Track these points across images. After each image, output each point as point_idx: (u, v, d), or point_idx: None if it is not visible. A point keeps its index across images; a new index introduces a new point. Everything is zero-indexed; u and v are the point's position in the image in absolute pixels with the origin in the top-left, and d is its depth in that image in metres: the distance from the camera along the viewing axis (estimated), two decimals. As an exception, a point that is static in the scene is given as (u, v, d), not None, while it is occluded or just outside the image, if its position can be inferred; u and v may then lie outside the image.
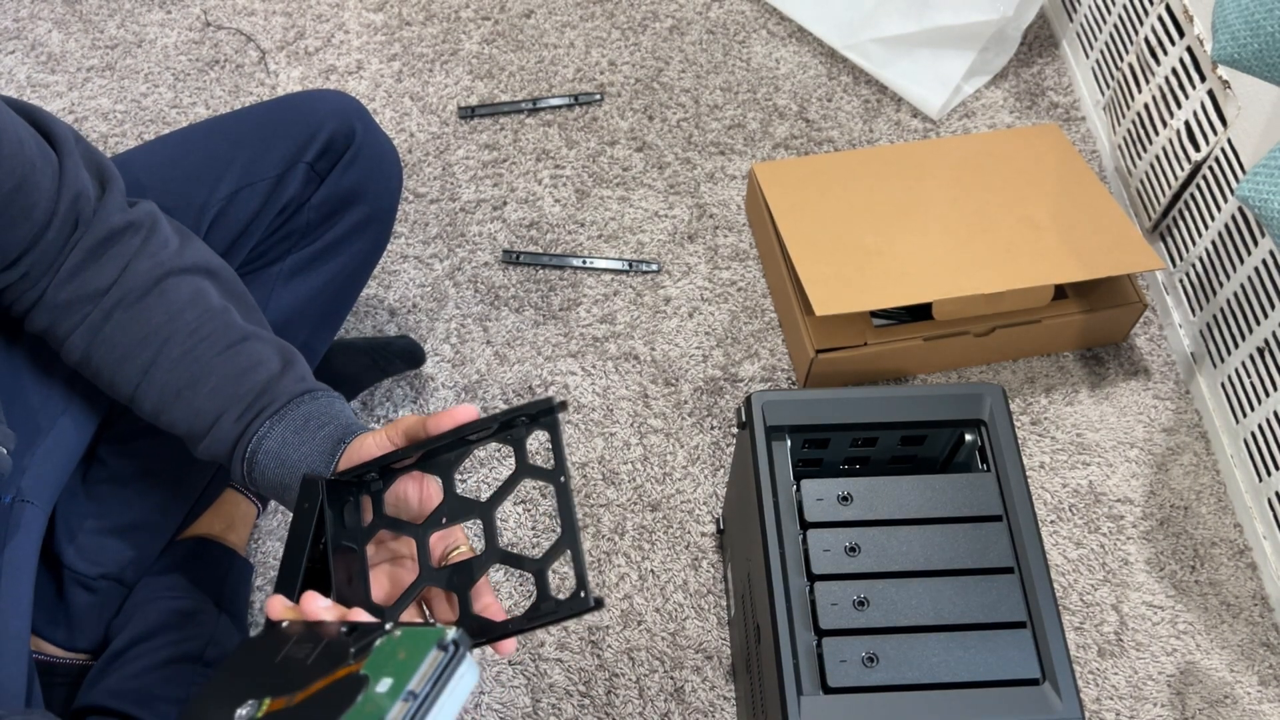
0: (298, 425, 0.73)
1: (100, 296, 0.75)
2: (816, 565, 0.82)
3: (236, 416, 0.73)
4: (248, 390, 0.74)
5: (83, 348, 0.76)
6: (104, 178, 0.77)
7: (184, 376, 0.75)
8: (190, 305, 0.76)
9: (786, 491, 0.86)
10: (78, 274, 0.75)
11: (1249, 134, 1.11)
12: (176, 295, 0.76)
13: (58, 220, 0.73)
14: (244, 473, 0.74)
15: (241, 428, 0.73)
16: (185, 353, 0.75)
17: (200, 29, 1.52)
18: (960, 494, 0.86)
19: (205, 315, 0.76)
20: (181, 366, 0.75)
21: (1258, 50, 0.80)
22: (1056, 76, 1.49)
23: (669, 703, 1.03)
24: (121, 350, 0.75)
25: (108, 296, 0.75)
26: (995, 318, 1.18)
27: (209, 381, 0.74)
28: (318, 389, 0.76)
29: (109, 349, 0.76)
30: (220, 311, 0.77)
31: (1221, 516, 1.14)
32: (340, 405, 0.75)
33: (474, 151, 1.40)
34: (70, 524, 0.93)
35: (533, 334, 1.25)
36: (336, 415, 0.74)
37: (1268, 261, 1.08)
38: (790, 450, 0.89)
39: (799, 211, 1.21)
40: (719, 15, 1.54)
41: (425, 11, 1.54)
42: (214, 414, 0.74)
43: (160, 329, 0.75)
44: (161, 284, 0.76)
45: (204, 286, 0.78)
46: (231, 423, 0.74)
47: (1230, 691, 1.04)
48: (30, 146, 0.71)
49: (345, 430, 0.72)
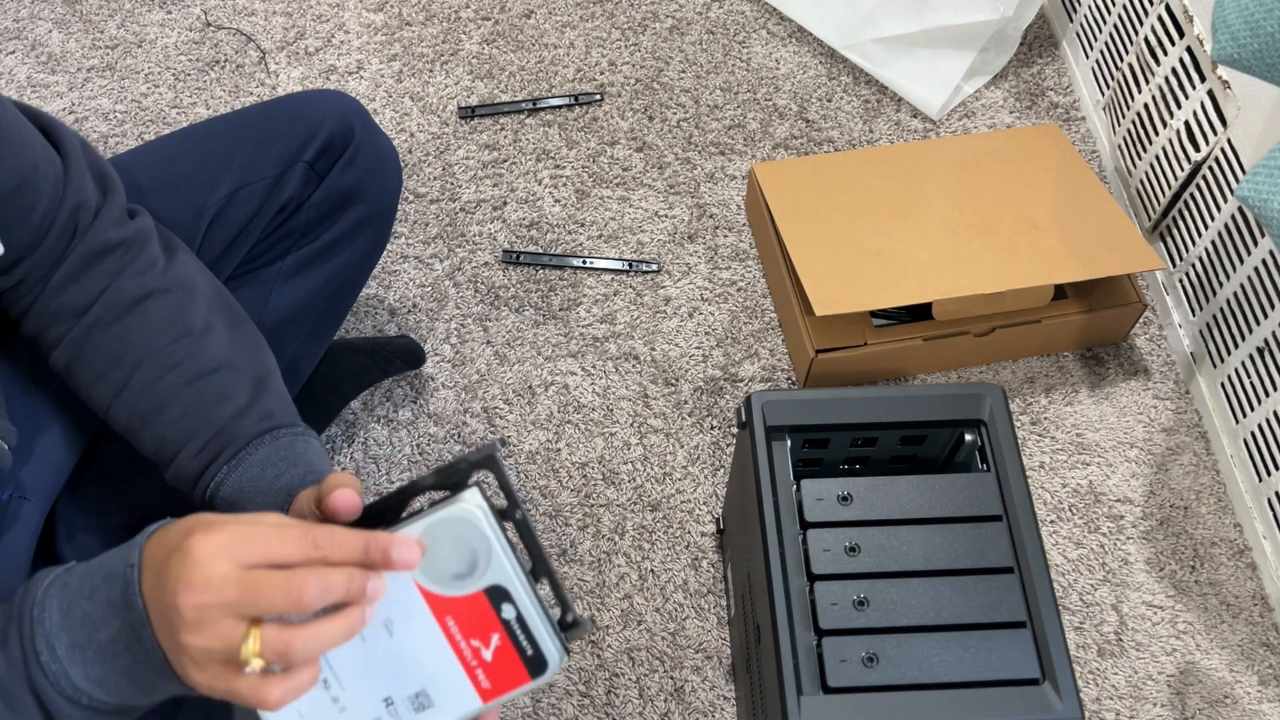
0: (254, 474, 0.73)
1: (82, 315, 0.75)
2: (816, 565, 0.83)
3: (196, 452, 0.74)
4: (209, 425, 0.74)
5: (64, 362, 0.77)
6: (106, 187, 0.77)
7: (151, 403, 0.75)
8: (167, 328, 0.76)
9: (786, 491, 0.86)
10: (65, 288, 0.75)
11: (1249, 134, 1.11)
12: (156, 316, 0.76)
13: (56, 228, 0.73)
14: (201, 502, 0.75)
15: (202, 465, 0.74)
16: (155, 379, 0.75)
17: (200, 29, 1.52)
18: (960, 494, 0.86)
19: (181, 340, 0.76)
20: (150, 393, 0.75)
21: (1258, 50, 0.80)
22: (1056, 76, 1.49)
23: (669, 703, 1.03)
24: (97, 369, 0.76)
25: (89, 315, 0.75)
26: (995, 318, 1.18)
27: (173, 412, 0.75)
28: (280, 427, 0.74)
29: (86, 366, 0.76)
30: (199, 334, 0.77)
31: (1221, 516, 1.14)
32: (301, 446, 0.73)
33: (474, 151, 1.40)
34: (70, 524, 0.92)
35: (533, 334, 1.25)
36: (295, 461, 0.73)
37: (1268, 261, 1.08)
38: (790, 450, 0.89)
39: (799, 211, 1.21)
40: (719, 15, 1.54)
41: (425, 11, 1.54)
42: (176, 445, 0.74)
43: (133, 352, 0.75)
44: (142, 304, 0.76)
45: (186, 305, 0.77)
46: (191, 458, 0.74)
47: (1230, 691, 1.04)
48: (35, 150, 0.71)
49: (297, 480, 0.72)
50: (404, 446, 1.17)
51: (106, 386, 0.76)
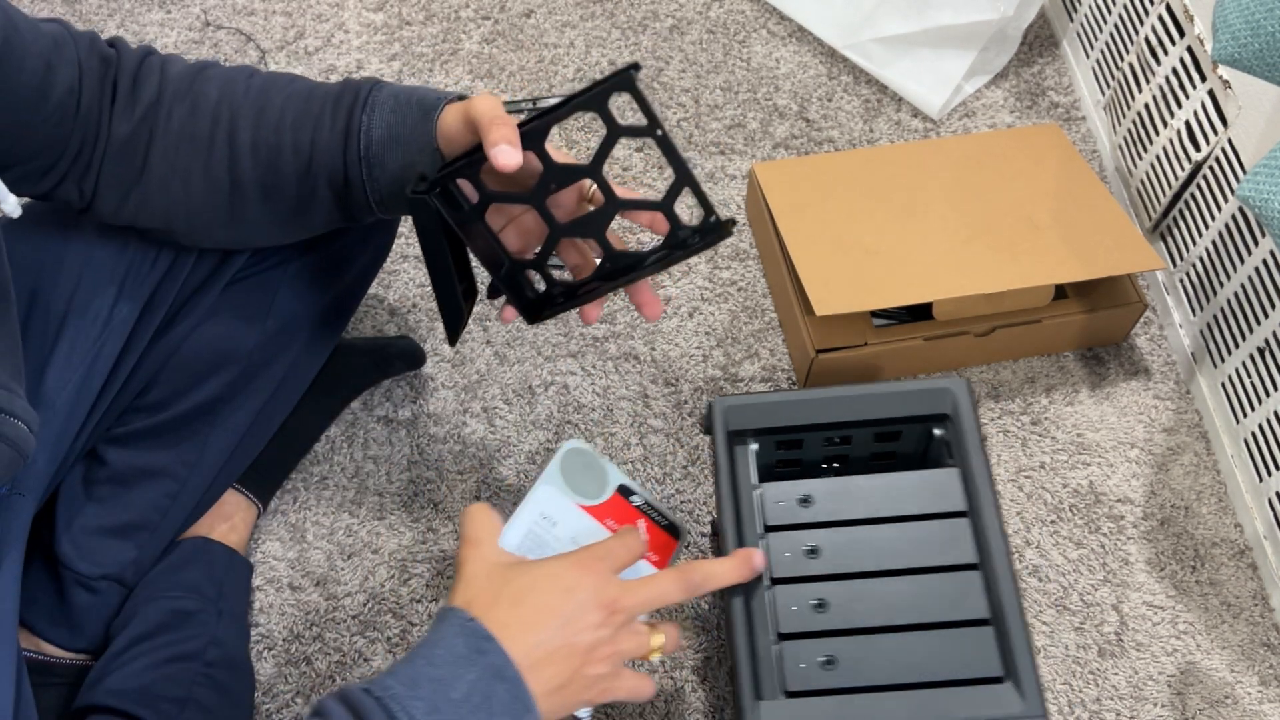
0: (390, 107, 0.77)
1: (155, 103, 0.78)
2: (777, 569, 0.81)
3: (329, 127, 0.77)
4: (320, 106, 0.78)
5: (161, 157, 0.79)
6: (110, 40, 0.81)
7: (265, 130, 0.78)
8: (237, 72, 0.80)
9: (749, 496, 0.85)
10: (129, 101, 0.78)
11: (1249, 134, 1.11)
12: (219, 72, 0.80)
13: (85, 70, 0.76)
14: (363, 175, 0.77)
15: (341, 134, 0.77)
16: (256, 111, 0.78)
17: (200, 29, 1.52)
18: (924, 491, 0.84)
19: (252, 75, 0.80)
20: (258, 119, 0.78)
21: (1258, 50, 0.80)
22: (1057, 76, 1.49)
23: (670, 704, 1.03)
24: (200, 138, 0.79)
25: (161, 98, 0.78)
26: (995, 317, 1.18)
27: (287, 119, 0.78)
28: (375, 79, 0.80)
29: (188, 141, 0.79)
30: (253, 69, 0.81)
31: (1222, 516, 1.14)
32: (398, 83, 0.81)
33: (474, 151, 1.40)
34: (71, 524, 0.93)
35: (532, 334, 1.25)
36: (413, 88, 0.79)
37: (1268, 261, 1.08)
38: (758, 454, 0.88)
39: (799, 211, 1.21)
40: (719, 15, 1.54)
41: (425, 11, 1.54)
42: (309, 133, 0.78)
43: (222, 100, 0.79)
44: (204, 71, 0.80)
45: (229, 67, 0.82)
46: (327, 134, 0.77)
47: (1231, 692, 1.04)
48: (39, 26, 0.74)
49: (427, 96, 0.78)
50: (404, 446, 1.17)
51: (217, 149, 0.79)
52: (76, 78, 0.75)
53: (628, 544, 0.73)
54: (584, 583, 0.69)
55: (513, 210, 0.82)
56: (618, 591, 0.70)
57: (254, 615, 1.06)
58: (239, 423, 0.98)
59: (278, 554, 1.10)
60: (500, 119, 0.70)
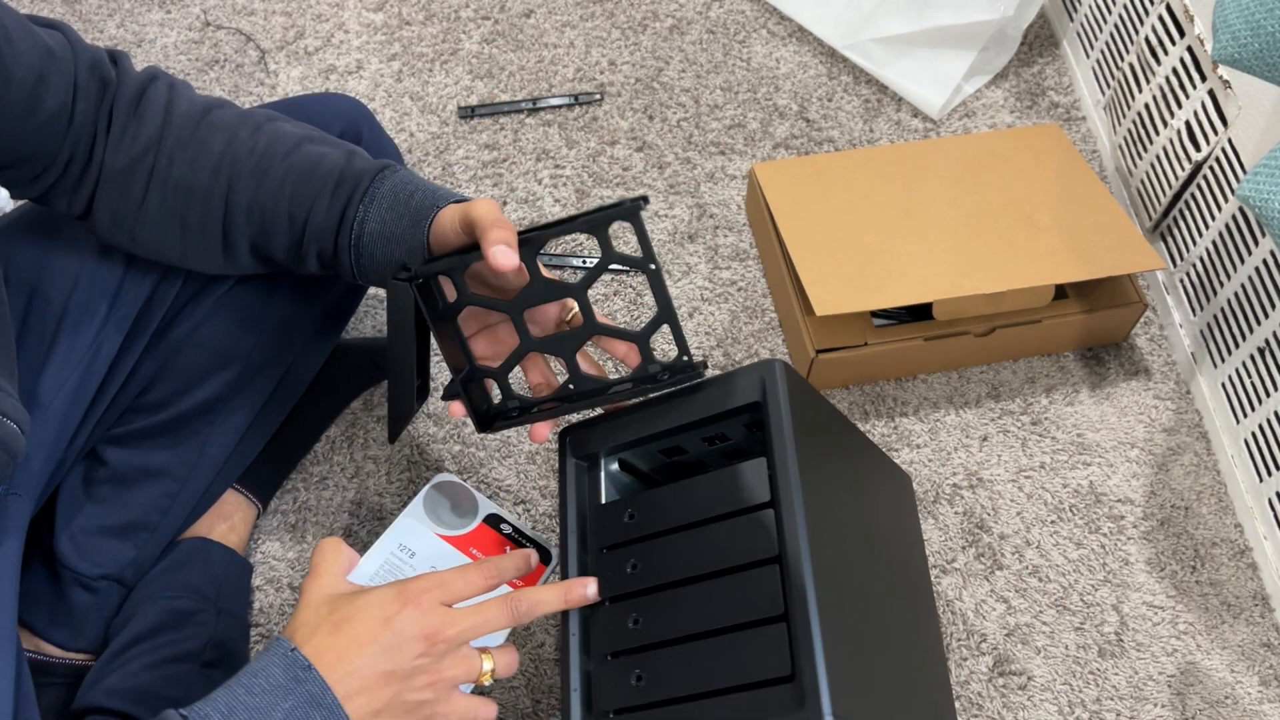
0: (389, 202, 0.78)
1: (156, 145, 0.77)
2: (604, 589, 0.79)
3: (326, 206, 0.77)
4: (327, 179, 0.78)
5: (158, 201, 0.78)
6: (110, 56, 0.80)
7: (264, 197, 0.78)
8: (241, 124, 0.79)
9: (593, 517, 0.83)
10: (126, 132, 0.77)
11: (1249, 134, 1.11)
12: (224, 120, 0.79)
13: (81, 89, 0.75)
14: (352, 259, 0.78)
15: (339, 211, 0.77)
16: (257, 167, 0.78)
17: (200, 29, 1.52)
18: (734, 487, 0.78)
19: (258, 130, 0.79)
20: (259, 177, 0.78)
21: (1258, 50, 0.80)
22: (1057, 76, 1.49)
23: None
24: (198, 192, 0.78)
25: (163, 142, 0.78)
26: (995, 318, 1.18)
27: (285, 190, 0.78)
28: (386, 163, 0.80)
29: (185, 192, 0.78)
30: (269, 120, 0.81)
31: (1222, 517, 1.14)
32: (409, 172, 0.81)
33: (474, 151, 1.40)
34: (70, 524, 0.93)
35: (533, 334, 1.25)
36: (417, 185, 0.79)
37: (1268, 261, 1.08)
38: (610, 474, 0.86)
39: (799, 211, 1.21)
40: (719, 15, 1.54)
41: (425, 11, 1.54)
42: (304, 209, 0.78)
43: (225, 155, 0.78)
44: (207, 116, 0.79)
45: (239, 110, 0.82)
46: (324, 213, 0.78)
47: (1231, 692, 1.04)
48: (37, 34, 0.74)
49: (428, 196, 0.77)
50: (403, 446, 1.17)
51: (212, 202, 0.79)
52: (70, 97, 0.75)
53: (467, 576, 0.73)
54: (405, 612, 0.69)
55: (489, 318, 0.83)
56: (440, 620, 0.70)
57: (254, 615, 1.06)
58: (239, 423, 0.98)
59: (278, 554, 1.09)
60: (501, 222, 0.71)
